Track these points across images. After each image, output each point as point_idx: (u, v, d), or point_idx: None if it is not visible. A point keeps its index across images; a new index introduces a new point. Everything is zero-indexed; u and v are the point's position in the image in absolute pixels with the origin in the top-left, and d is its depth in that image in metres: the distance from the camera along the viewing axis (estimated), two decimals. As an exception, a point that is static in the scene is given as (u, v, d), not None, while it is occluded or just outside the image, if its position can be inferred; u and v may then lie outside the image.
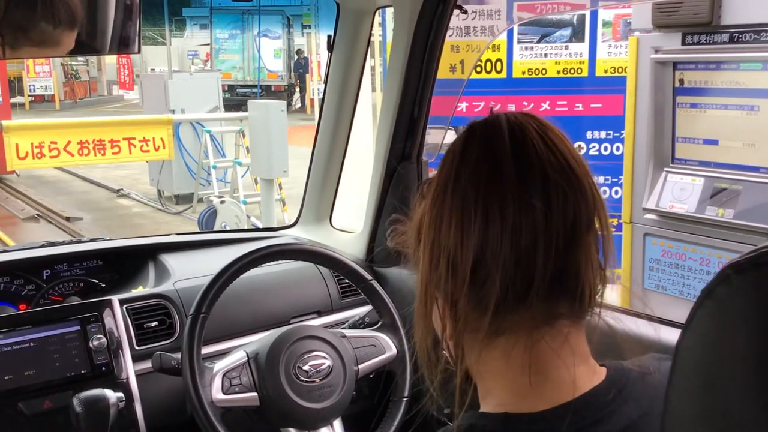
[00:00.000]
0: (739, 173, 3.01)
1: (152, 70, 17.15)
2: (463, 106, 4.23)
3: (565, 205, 0.74)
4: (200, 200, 9.13)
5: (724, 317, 0.63)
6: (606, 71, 4.19)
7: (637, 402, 0.78)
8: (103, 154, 7.36)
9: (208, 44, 19.92)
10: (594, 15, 4.16)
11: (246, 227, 6.91)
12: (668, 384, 0.68)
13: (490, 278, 0.74)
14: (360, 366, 1.69)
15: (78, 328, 1.64)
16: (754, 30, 2.86)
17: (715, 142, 3.11)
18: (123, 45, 1.49)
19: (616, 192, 4.06)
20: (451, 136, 2.30)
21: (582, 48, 4.20)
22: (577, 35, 4.20)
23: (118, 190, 10.62)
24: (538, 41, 4.23)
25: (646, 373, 0.82)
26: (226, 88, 16.74)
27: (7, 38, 1.27)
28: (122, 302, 1.73)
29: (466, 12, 1.99)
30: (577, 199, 0.75)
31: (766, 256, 0.60)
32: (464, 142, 0.80)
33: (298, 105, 20.24)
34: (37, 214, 9.17)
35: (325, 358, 1.62)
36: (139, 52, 1.53)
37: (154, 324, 1.75)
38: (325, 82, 2.22)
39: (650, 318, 1.45)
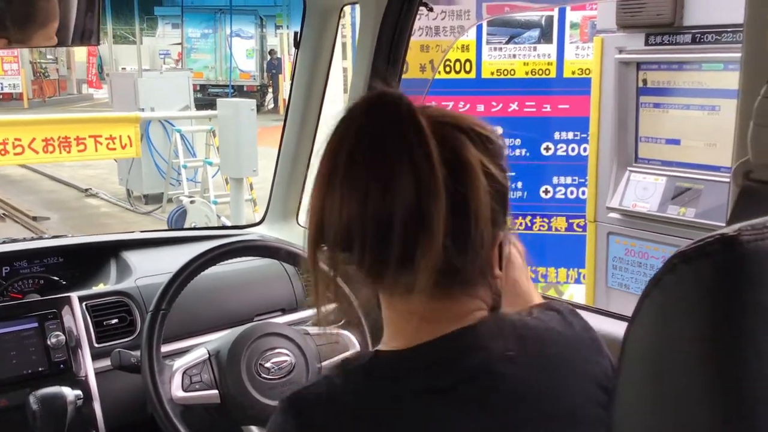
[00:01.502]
0: (700, 173, 3.05)
1: (123, 68, 16.97)
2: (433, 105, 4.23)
3: (384, 195, 0.77)
4: (170, 200, 9.04)
5: (670, 306, 0.64)
6: (574, 72, 4.22)
7: (504, 341, 0.83)
8: (69, 152, 7.25)
9: (179, 43, 19.76)
10: (562, 16, 4.19)
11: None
12: (617, 374, 0.69)
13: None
14: (323, 363, 1.68)
15: (36, 325, 1.61)
16: (715, 31, 2.90)
17: (677, 142, 3.15)
18: (85, 37, 1.49)
19: (583, 192, 4.10)
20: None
21: (550, 49, 4.23)
22: (545, 36, 4.23)
23: (86, 190, 10.49)
24: (507, 42, 4.25)
25: (523, 318, 0.88)
26: (198, 88, 16.59)
27: (15, 34, 1.28)
28: (82, 299, 1.71)
29: (431, 9, 2.00)
30: (403, 191, 0.77)
31: (712, 245, 0.61)
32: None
33: (271, 105, 20.13)
34: (3, 214, 9.03)
35: (288, 355, 1.62)
36: (98, 44, 1.52)
37: (114, 321, 1.73)
38: (292, 80, 2.21)
39: (599, 311, 1.46)
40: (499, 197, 0.84)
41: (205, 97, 17.91)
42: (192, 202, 7.24)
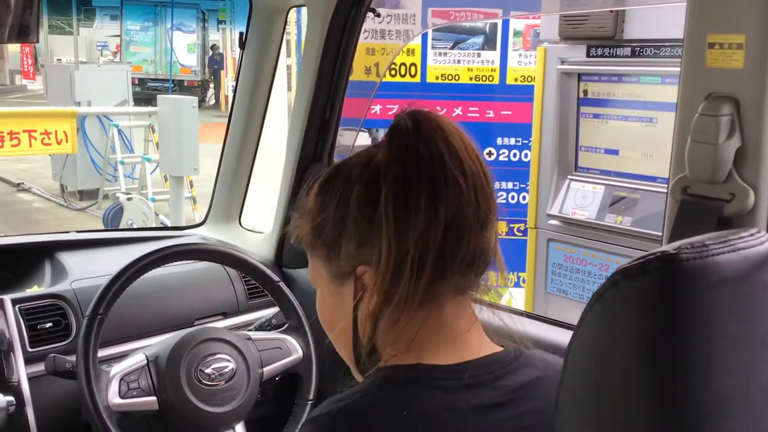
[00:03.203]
0: (637, 182, 3.14)
1: (58, 60, 16.47)
2: (377, 108, 4.25)
3: (459, 200, 0.86)
4: (106, 197, 8.83)
5: (611, 321, 0.65)
6: (516, 80, 4.29)
7: (533, 367, 0.90)
8: (1, 146, 6.99)
9: (118, 35, 19.29)
10: (505, 24, 4.25)
11: (154, 225, 6.73)
12: (559, 385, 0.70)
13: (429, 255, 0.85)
14: (265, 369, 1.67)
15: (-35, 329, 1.55)
16: (654, 45, 2.99)
17: (615, 152, 3.23)
18: (22, 34, 1.44)
19: (524, 198, 4.16)
20: (363, 138, 2.31)
21: (493, 56, 4.29)
22: (489, 43, 4.29)
23: (18, 184, 10.15)
24: (452, 47, 4.29)
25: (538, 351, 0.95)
26: (137, 82, 16.24)
27: None
28: (15, 302, 1.65)
29: (379, 15, 2.01)
30: (468, 198, 0.87)
31: (653, 262, 0.62)
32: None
33: (212, 101, 19.84)
34: (-72, 208, 8.68)
35: (229, 360, 1.60)
36: (37, 41, 1.48)
37: (48, 325, 1.68)
38: (237, 80, 2.19)
39: (547, 320, 1.49)
40: None
41: (144, 92, 17.54)
42: (129, 199, 7.08)
